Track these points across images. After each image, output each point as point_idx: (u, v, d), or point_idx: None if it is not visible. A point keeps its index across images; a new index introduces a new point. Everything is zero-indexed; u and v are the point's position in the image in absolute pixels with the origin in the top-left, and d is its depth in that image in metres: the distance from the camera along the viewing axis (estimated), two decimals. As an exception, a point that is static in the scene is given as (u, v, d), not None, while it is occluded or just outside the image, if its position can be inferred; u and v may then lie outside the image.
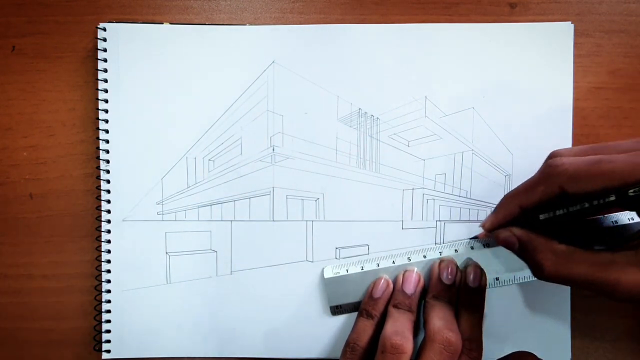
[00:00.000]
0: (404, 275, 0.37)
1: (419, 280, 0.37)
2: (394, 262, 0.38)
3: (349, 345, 0.35)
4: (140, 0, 0.40)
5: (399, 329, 0.34)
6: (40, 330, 0.40)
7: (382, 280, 0.37)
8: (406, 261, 0.38)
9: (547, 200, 0.31)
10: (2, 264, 0.40)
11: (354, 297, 0.38)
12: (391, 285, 0.37)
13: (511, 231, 0.33)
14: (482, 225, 0.35)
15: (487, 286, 0.36)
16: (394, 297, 0.36)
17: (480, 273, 0.36)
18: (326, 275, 0.38)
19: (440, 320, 0.34)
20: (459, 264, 0.37)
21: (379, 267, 0.38)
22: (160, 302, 0.39)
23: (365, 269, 0.38)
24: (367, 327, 0.36)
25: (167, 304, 0.39)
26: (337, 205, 0.39)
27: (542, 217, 0.32)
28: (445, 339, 0.33)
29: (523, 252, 0.33)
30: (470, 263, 0.37)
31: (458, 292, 0.36)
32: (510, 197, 0.34)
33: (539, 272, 0.31)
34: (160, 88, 0.39)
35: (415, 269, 0.37)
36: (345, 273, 0.38)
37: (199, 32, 0.39)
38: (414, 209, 0.39)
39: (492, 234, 0.35)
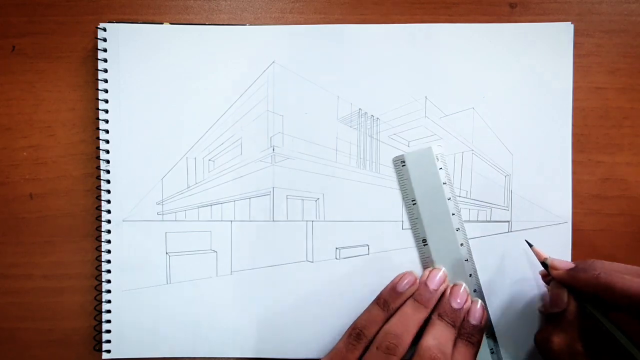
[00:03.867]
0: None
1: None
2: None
3: (355, 331, 0.35)
4: (140, 0, 0.40)
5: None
6: (40, 330, 0.40)
7: (411, 276, 0.37)
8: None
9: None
10: (2, 264, 0.40)
11: None
12: (417, 283, 0.37)
13: (570, 299, 0.33)
14: (552, 266, 0.34)
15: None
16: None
17: (483, 314, 0.36)
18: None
19: (435, 339, 0.34)
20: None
21: None
22: (160, 302, 0.39)
23: None
24: (379, 318, 0.36)
25: (167, 304, 0.39)
26: (337, 205, 0.39)
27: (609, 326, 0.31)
28: (432, 358, 0.33)
29: (555, 317, 0.33)
30: (475, 300, 0.37)
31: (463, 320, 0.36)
32: (608, 274, 0.31)
33: (544, 337, 0.33)
34: (160, 88, 0.39)
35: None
36: None
37: (199, 32, 0.39)
38: (414, 209, 0.39)
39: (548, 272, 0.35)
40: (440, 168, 0.38)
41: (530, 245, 0.37)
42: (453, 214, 0.38)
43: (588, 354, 0.31)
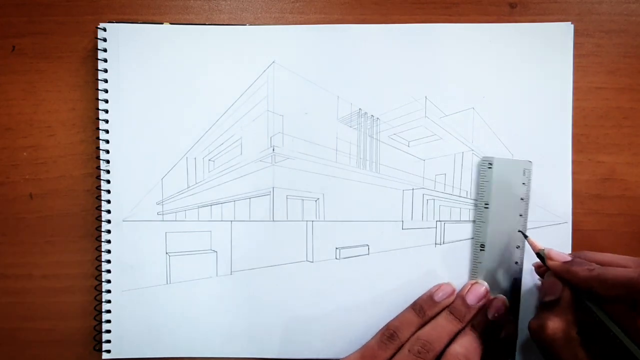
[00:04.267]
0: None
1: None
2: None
3: (389, 331, 0.36)
4: (140, 0, 0.40)
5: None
6: (40, 330, 0.40)
7: (449, 287, 0.37)
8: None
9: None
10: (2, 264, 0.40)
11: None
12: (454, 295, 0.37)
13: (564, 288, 0.33)
14: (549, 256, 0.34)
15: None
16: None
17: (514, 330, 0.36)
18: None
19: (463, 347, 0.34)
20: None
21: None
22: (160, 302, 0.39)
23: None
24: (413, 323, 0.36)
25: (167, 304, 0.39)
26: (337, 205, 0.39)
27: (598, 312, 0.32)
28: None
29: (550, 304, 0.33)
30: (510, 319, 0.36)
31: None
32: (602, 270, 0.31)
33: (539, 324, 0.32)
34: (160, 88, 0.39)
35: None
36: None
37: (199, 32, 0.39)
38: (414, 209, 0.39)
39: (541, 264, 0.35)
40: (524, 183, 0.38)
41: (526, 237, 0.37)
42: (519, 231, 0.38)
43: (582, 341, 0.31)
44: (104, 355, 0.39)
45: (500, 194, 0.38)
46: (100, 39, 0.39)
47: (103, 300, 0.39)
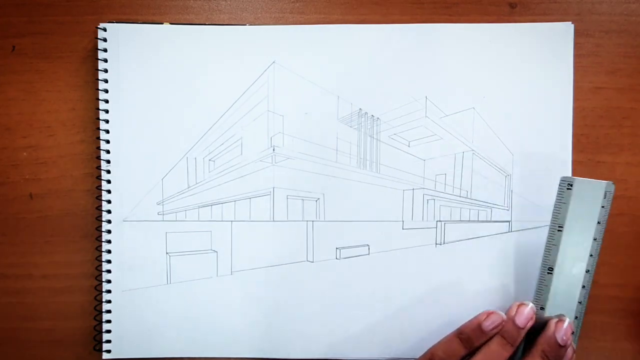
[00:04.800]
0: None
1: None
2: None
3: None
4: (140, 0, 0.40)
5: None
6: (40, 330, 0.40)
7: (498, 317, 0.35)
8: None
9: None
10: (2, 264, 0.40)
11: None
12: (502, 323, 0.35)
13: None
14: None
15: None
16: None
17: (572, 355, 0.34)
18: None
19: None
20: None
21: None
22: (160, 302, 0.39)
23: None
24: (459, 353, 0.34)
25: (167, 304, 0.39)
26: (337, 205, 0.39)
27: None
28: None
29: None
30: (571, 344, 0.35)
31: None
32: None
33: None
34: (160, 88, 0.39)
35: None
36: None
37: (199, 32, 0.39)
38: (414, 209, 0.39)
39: None
40: (603, 206, 0.35)
41: None
42: (591, 255, 0.35)
43: None
44: (104, 355, 0.39)
45: (577, 217, 0.35)
46: (100, 39, 0.39)
47: (103, 300, 0.39)
